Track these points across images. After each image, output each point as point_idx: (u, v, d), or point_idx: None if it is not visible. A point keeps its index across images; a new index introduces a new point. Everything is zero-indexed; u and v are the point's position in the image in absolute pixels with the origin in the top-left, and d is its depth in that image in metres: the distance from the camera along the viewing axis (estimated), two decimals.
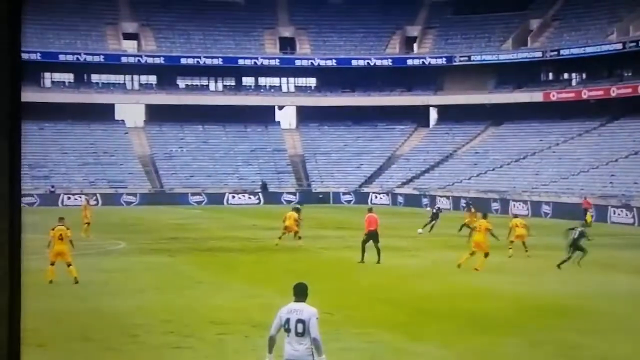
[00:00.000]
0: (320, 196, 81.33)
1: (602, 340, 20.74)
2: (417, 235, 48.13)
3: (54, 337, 21.10)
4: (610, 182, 68.98)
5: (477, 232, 36.94)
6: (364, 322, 22.54)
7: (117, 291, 27.63)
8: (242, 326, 21.75)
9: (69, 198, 75.90)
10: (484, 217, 39.37)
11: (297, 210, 47.76)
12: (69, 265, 26.14)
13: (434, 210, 52.08)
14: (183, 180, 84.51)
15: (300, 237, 44.15)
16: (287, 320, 12.48)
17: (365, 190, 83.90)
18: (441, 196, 76.58)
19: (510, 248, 37.95)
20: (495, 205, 70.57)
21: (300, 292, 12.89)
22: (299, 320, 12.21)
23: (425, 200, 78.24)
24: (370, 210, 41.73)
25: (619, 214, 61.75)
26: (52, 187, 77.83)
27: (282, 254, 40.29)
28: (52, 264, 26.49)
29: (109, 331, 21.50)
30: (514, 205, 69.15)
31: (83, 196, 68.42)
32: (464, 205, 65.78)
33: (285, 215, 45.25)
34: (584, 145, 79.25)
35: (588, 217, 54.73)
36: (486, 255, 35.39)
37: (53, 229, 30.10)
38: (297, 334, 12.22)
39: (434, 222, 50.35)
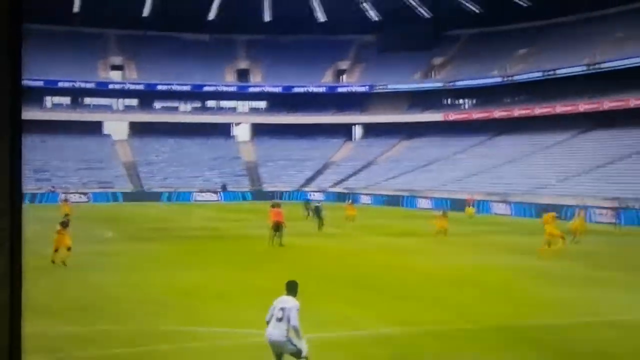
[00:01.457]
0: (270, 195, 78.29)
1: (489, 302, 22.29)
2: (345, 224, 48.07)
3: (56, 306, 21.95)
4: (494, 183, 70.80)
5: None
6: (312, 294, 21.70)
7: (107, 269, 28.94)
8: (206, 295, 23.25)
9: (66, 197, 71.75)
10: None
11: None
12: (68, 249, 26.38)
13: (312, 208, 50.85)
14: (159, 181, 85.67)
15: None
16: (274, 308, 13.37)
17: (306, 189, 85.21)
18: (364, 194, 78.96)
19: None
20: (405, 201, 73.49)
21: (291, 288, 13.64)
22: (282, 309, 13.05)
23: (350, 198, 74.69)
24: (274, 205, 43.30)
25: (499, 207, 63.94)
26: (53, 187, 78.19)
27: (239, 240, 41.61)
28: (56, 250, 27.16)
29: (101, 301, 22.50)
30: (420, 201, 71.80)
31: (63, 194, 70.70)
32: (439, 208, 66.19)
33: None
34: (473, 155, 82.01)
35: (470, 210, 58.16)
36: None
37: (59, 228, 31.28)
38: (277, 319, 13.07)
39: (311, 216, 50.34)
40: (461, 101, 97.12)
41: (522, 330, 18.65)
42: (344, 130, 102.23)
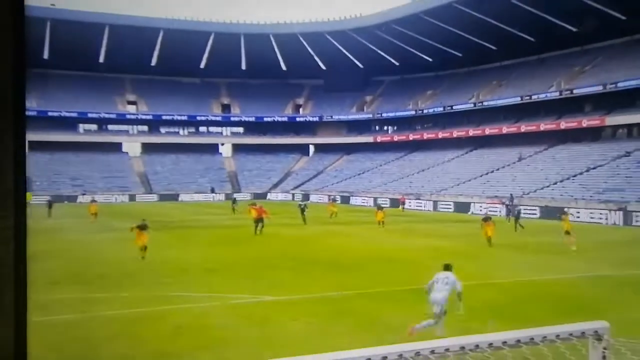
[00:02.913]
0: (247, 196, 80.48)
1: (404, 271, 22.41)
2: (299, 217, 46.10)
3: (82, 277, 21.95)
4: (409, 186, 74.11)
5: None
6: (275, 266, 24.09)
7: (123, 250, 28.54)
8: (199, 270, 23.52)
9: (93, 199, 70.55)
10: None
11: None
12: (144, 248, 25.05)
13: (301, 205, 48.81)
14: (164, 186, 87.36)
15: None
16: (438, 280, 13.85)
17: (272, 192, 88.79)
18: (316, 194, 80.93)
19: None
20: (346, 199, 75.51)
21: (448, 267, 14.11)
22: (446, 281, 13.55)
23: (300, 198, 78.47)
24: (251, 204, 45.36)
25: (415, 203, 65.74)
26: (84, 191, 79.42)
27: (225, 229, 41.71)
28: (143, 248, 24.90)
29: (117, 273, 22.78)
30: (356, 199, 74.99)
31: (89, 196, 70.21)
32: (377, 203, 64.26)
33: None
34: (396, 166, 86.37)
35: (400, 208, 60.54)
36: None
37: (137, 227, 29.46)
38: (444, 284, 13.58)
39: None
40: (386, 127, 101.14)
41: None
42: (301, 149, 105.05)
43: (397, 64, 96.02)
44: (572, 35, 73.41)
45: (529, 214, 49.93)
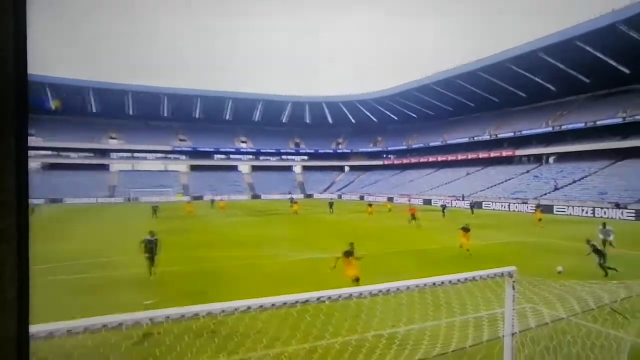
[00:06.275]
0: (263, 199, 78.37)
1: (387, 242, 20.68)
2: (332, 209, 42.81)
3: (192, 242, 20.67)
4: (401, 189, 70.11)
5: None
6: (317, 242, 21.32)
7: (238, 227, 27.03)
8: (279, 239, 21.87)
9: (222, 199, 68.49)
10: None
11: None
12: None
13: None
14: (262, 190, 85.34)
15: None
16: (602, 230, 13.83)
17: (323, 194, 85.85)
18: (348, 195, 76.95)
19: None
20: (365, 197, 71.68)
21: (603, 224, 13.36)
22: (607, 229, 13.51)
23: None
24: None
25: (398, 199, 61.73)
26: (217, 194, 73.98)
27: (292, 216, 38.66)
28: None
29: (231, 241, 21.14)
30: (370, 197, 70.56)
31: (219, 197, 69.50)
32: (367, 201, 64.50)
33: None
34: (395, 178, 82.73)
35: (388, 205, 51.25)
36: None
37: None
38: (605, 232, 13.56)
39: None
40: (390, 156, 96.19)
41: (411, 252, 17.56)
42: (340, 168, 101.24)
43: (396, 118, 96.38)
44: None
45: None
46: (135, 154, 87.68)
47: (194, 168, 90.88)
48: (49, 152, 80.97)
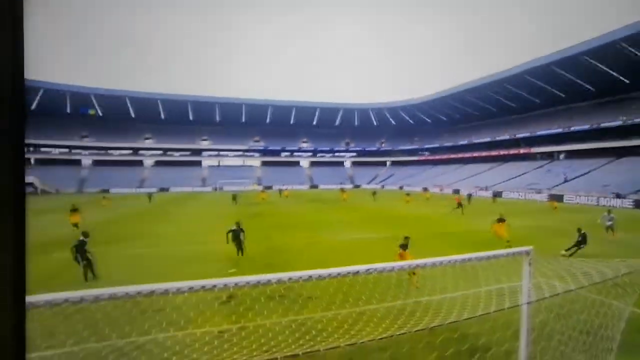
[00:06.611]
0: (320, 189, 75.48)
1: (418, 227, 18.98)
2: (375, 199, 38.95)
3: (276, 224, 19.77)
4: (430, 181, 67.24)
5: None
6: (364, 225, 20.03)
7: (302, 213, 25.11)
8: (334, 222, 20.61)
9: (287, 188, 66.14)
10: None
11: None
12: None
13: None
14: (319, 181, 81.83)
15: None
16: (604, 217, 13.22)
17: (368, 185, 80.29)
18: (390, 186, 73.16)
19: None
20: (404, 187, 68.43)
21: (608, 211, 12.58)
22: (610, 217, 12.88)
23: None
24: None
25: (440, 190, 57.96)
26: (284, 184, 72.31)
27: (343, 202, 36.36)
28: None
29: (298, 224, 19.89)
30: (407, 187, 66.48)
31: (285, 187, 66.07)
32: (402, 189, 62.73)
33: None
34: (426, 172, 79.02)
35: (427, 194, 50.60)
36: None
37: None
38: (609, 219, 13.04)
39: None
40: (425, 153, 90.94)
41: (442, 234, 16.66)
42: (383, 163, 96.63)
43: (430, 121, 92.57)
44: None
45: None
46: (221, 153, 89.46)
47: (265, 163, 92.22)
48: (159, 152, 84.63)
